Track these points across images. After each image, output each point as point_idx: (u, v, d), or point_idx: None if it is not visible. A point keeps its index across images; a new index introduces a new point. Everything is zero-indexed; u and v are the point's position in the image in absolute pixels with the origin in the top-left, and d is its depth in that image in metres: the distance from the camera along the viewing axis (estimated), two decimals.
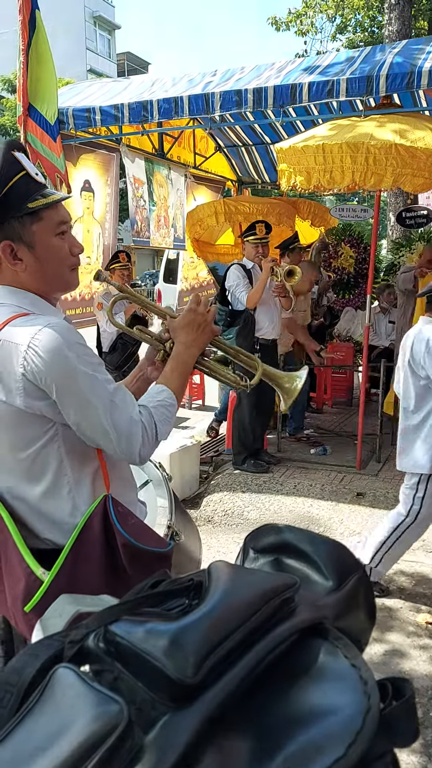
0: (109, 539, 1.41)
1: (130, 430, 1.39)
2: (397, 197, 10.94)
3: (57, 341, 1.33)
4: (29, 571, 1.37)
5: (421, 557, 3.88)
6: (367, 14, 18.98)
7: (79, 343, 1.38)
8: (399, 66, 4.10)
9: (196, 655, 0.74)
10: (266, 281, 4.91)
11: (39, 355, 1.31)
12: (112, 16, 38.92)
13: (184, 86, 4.98)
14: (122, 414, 1.39)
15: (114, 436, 1.38)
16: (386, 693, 0.77)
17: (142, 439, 1.41)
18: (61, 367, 1.33)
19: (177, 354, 1.57)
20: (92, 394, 1.36)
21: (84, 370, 1.36)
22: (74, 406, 1.35)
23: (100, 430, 1.37)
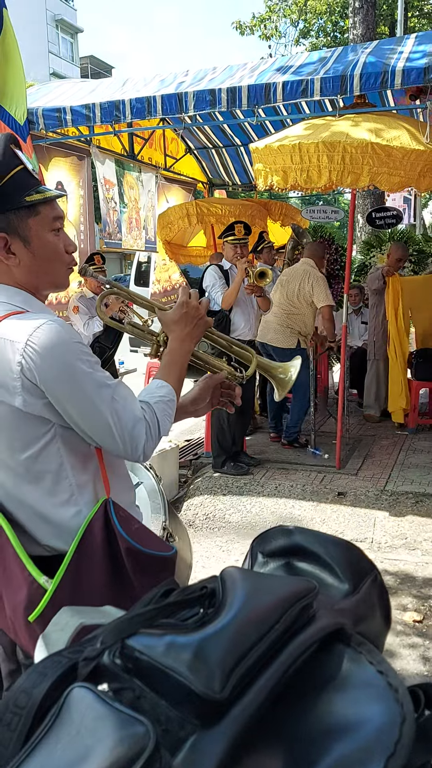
0: (112, 544, 1.37)
1: (134, 427, 1.36)
2: (365, 199, 11.04)
3: (56, 339, 1.29)
4: (31, 579, 1.33)
5: (404, 555, 3.89)
6: (329, 19, 19.22)
7: (78, 341, 1.35)
8: (372, 65, 4.11)
9: (223, 668, 0.69)
10: (240, 282, 4.89)
11: (38, 353, 1.28)
12: (74, 19, 38.67)
13: (156, 86, 4.93)
14: (125, 411, 1.35)
15: (118, 434, 1.34)
16: (418, 700, 0.74)
17: (146, 435, 1.38)
18: (60, 365, 1.29)
19: (172, 349, 1.54)
20: (94, 392, 1.32)
21: (83, 368, 1.32)
22: (76, 405, 1.31)
23: (103, 428, 1.33)
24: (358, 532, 4.14)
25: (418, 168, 4.14)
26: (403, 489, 4.72)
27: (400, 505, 4.47)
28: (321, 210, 8.43)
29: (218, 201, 7.29)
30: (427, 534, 4.09)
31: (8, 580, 1.37)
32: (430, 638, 3.03)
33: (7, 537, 1.36)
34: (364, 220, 10.06)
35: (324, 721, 0.71)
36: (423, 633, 3.08)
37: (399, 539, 4.06)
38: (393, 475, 5.05)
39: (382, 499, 4.56)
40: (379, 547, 3.99)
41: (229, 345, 1.72)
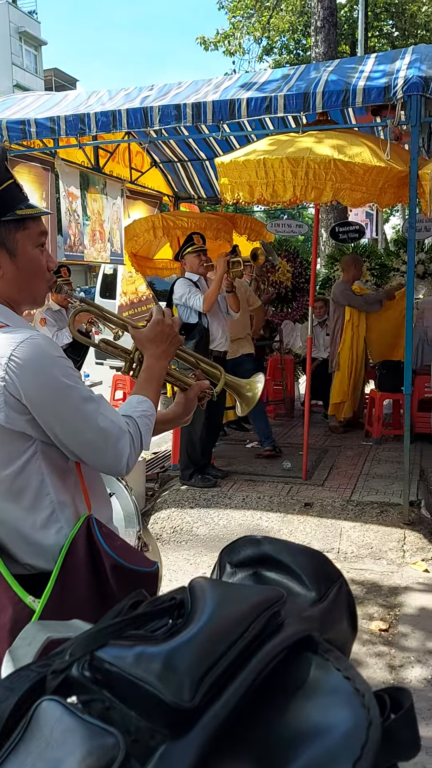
0: (96, 561, 1.36)
1: (119, 440, 1.36)
2: (329, 213, 11.21)
3: (39, 353, 1.30)
4: (17, 599, 1.31)
5: (369, 565, 3.93)
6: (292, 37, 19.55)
7: (61, 356, 1.35)
8: (334, 83, 4.20)
9: (192, 678, 0.70)
10: (222, 278, 4.86)
11: (21, 368, 1.27)
12: (38, 32, 38.60)
13: (121, 100, 4.95)
14: (110, 425, 1.36)
15: (103, 448, 1.35)
16: (384, 704, 0.75)
17: (131, 448, 1.39)
18: (44, 380, 1.30)
19: (149, 366, 1.56)
20: (78, 406, 1.33)
21: (67, 382, 1.32)
22: (61, 420, 1.31)
23: (88, 442, 1.34)
24: (324, 543, 4.17)
25: (380, 184, 4.23)
26: (369, 499, 4.77)
27: (366, 515, 4.52)
28: (286, 224, 8.55)
29: (184, 214, 7.34)
30: (392, 543, 4.14)
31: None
32: (396, 647, 3.06)
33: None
34: (327, 235, 10.21)
35: (293, 727, 0.72)
36: (389, 642, 3.11)
37: (365, 549, 4.10)
38: (358, 485, 5.11)
39: (348, 510, 4.60)
40: (345, 557, 4.02)
41: (197, 362, 1.74)
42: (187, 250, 5.08)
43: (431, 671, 2.86)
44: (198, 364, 1.74)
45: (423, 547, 4.10)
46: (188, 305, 4.92)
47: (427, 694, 2.69)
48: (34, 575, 1.36)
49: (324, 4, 10.98)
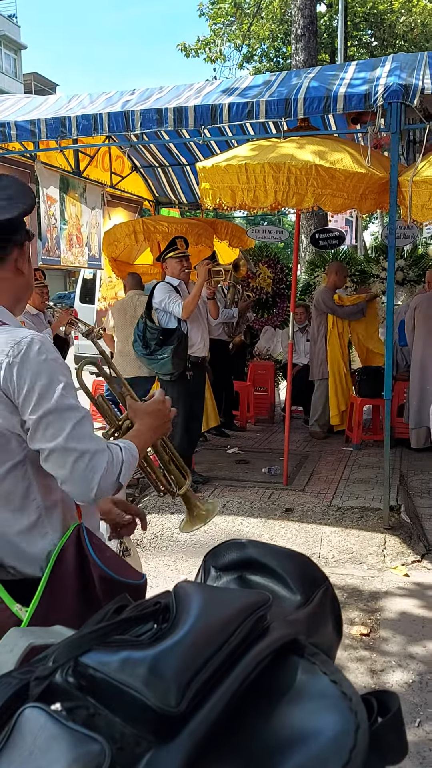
0: (84, 571, 1.34)
1: (94, 456, 1.33)
2: (309, 220, 11.27)
3: (37, 352, 1.31)
4: (3, 606, 1.29)
5: (350, 569, 3.93)
6: (272, 45, 19.69)
7: (59, 357, 1.37)
8: (315, 90, 4.23)
9: (179, 683, 0.69)
10: (202, 285, 4.85)
11: (18, 364, 1.29)
12: (17, 35, 38.42)
13: (103, 104, 4.94)
14: (89, 437, 1.34)
15: (75, 458, 1.31)
16: (371, 708, 0.75)
17: (106, 467, 1.33)
18: (40, 373, 1.30)
19: (139, 431, 1.56)
20: (66, 408, 1.32)
21: (62, 381, 1.33)
22: (45, 420, 1.30)
23: (62, 448, 1.30)
24: (305, 548, 4.17)
25: (360, 190, 4.26)
26: (349, 504, 4.79)
27: (346, 520, 4.53)
28: (266, 230, 8.59)
29: (165, 219, 7.33)
30: (372, 548, 4.15)
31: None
32: (377, 651, 3.07)
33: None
34: (308, 241, 10.26)
35: (280, 732, 0.71)
36: (370, 646, 3.11)
37: (345, 554, 4.11)
38: (339, 490, 5.13)
39: (329, 515, 4.61)
40: (326, 562, 4.02)
41: (170, 461, 1.79)
42: (170, 254, 5.06)
43: (412, 675, 2.87)
44: (169, 463, 1.77)
45: (403, 551, 4.12)
46: (167, 310, 4.90)
47: (409, 698, 2.70)
48: (19, 581, 1.34)
49: (304, 13, 11.07)
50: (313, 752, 0.68)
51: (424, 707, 2.64)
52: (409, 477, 5.47)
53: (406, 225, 6.13)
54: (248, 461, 5.94)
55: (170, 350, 4.78)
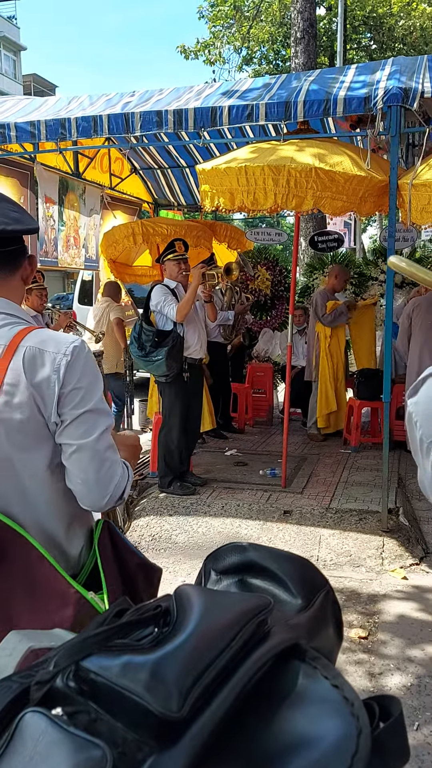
0: (121, 561, 1.45)
1: (115, 462, 1.41)
2: (308, 222, 11.29)
3: (89, 357, 1.39)
4: (78, 595, 1.34)
5: (349, 572, 3.93)
6: (271, 47, 19.72)
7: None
8: (315, 93, 4.23)
9: (180, 688, 0.68)
10: (196, 289, 4.86)
11: (72, 366, 1.35)
12: (17, 37, 38.46)
13: (103, 106, 4.94)
14: (113, 443, 1.42)
15: (99, 461, 1.37)
16: (373, 713, 0.74)
17: (119, 479, 1.42)
18: (85, 377, 1.37)
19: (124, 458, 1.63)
20: (103, 413, 1.40)
21: (100, 387, 1.42)
22: (82, 418, 1.36)
23: (89, 447, 1.37)
24: (303, 550, 4.16)
25: (360, 193, 4.27)
26: (347, 506, 4.79)
27: (345, 523, 4.53)
28: (265, 232, 8.60)
29: (164, 221, 7.33)
30: (370, 551, 4.15)
31: (42, 600, 1.34)
32: (375, 654, 3.06)
33: (41, 556, 1.35)
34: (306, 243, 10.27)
35: (281, 737, 0.70)
36: (369, 649, 3.11)
37: (344, 556, 4.11)
38: (337, 493, 5.13)
39: (327, 517, 4.61)
40: (324, 565, 4.02)
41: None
42: (168, 257, 5.07)
43: (411, 678, 2.87)
44: None
45: (401, 554, 4.12)
46: (163, 313, 4.92)
47: (407, 702, 2.70)
48: None
49: (304, 16, 11.09)
50: (315, 757, 0.67)
51: (423, 710, 2.64)
52: (407, 480, 5.47)
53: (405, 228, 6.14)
54: (246, 463, 5.94)
55: (164, 352, 4.80)
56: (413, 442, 1.24)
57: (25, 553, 1.34)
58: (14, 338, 1.37)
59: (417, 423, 1.17)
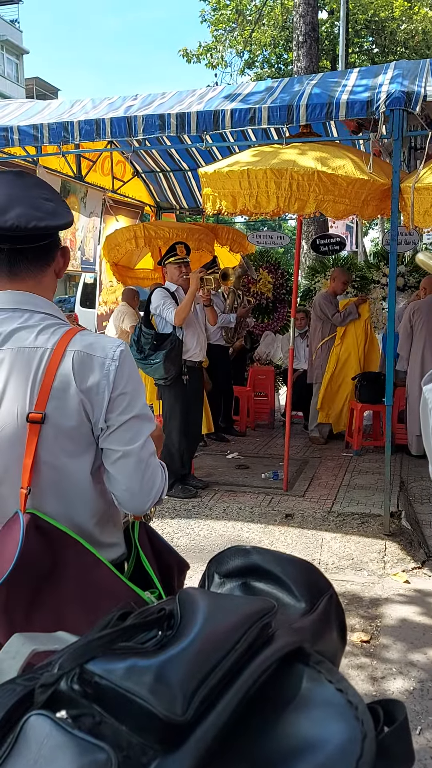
0: (159, 560, 1.47)
1: (157, 467, 1.41)
2: (309, 225, 11.30)
3: (133, 361, 1.38)
4: (135, 596, 1.35)
5: (351, 576, 3.92)
6: (273, 51, 19.75)
7: None
8: (318, 97, 4.24)
9: (185, 691, 0.68)
10: (194, 293, 4.87)
11: (119, 370, 1.34)
12: (19, 40, 38.57)
13: (105, 109, 4.95)
14: (154, 449, 1.41)
15: (143, 465, 1.37)
16: (377, 717, 0.74)
17: (161, 482, 1.42)
18: (132, 382, 1.36)
19: None
20: (148, 418, 1.40)
21: (144, 394, 1.42)
22: (129, 424, 1.36)
23: (134, 453, 1.36)
24: (305, 554, 4.16)
25: (362, 196, 4.27)
26: (349, 510, 4.78)
27: (347, 526, 4.53)
28: (267, 235, 8.60)
29: (166, 224, 7.35)
30: (372, 554, 4.15)
31: (97, 601, 1.33)
32: (377, 658, 3.06)
33: (96, 559, 1.35)
34: (308, 246, 10.28)
35: (285, 741, 0.70)
36: (371, 653, 3.10)
37: (346, 560, 4.10)
38: (339, 496, 5.12)
39: (329, 521, 4.60)
40: (326, 568, 4.01)
41: None
42: (169, 260, 5.08)
43: (413, 683, 2.86)
44: None
45: (403, 558, 4.11)
46: (162, 316, 4.94)
47: (410, 706, 2.69)
48: None
49: (306, 20, 11.12)
50: (320, 761, 0.67)
51: (426, 715, 2.63)
52: (409, 483, 5.47)
53: (407, 231, 6.14)
54: (248, 466, 5.94)
55: (162, 355, 4.81)
56: (426, 428, 1.24)
57: (80, 557, 1.33)
58: (60, 342, 1.34)
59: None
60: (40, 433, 1.31)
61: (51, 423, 1.31)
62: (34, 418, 1.31)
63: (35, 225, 1.33)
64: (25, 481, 1.32)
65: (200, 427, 5.41)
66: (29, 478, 1.31)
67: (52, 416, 1.31)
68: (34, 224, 1.33)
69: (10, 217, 1.32)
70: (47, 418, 1.31)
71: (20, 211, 1.33)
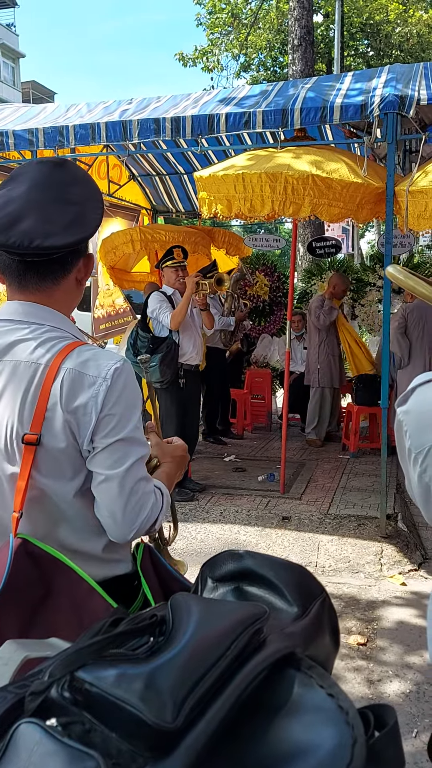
0: (164, 588, 1.40)
1: (145, 493, 1.32)
2: (306, 228, 11.31)
3: (129, 379, 1.31)
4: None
5: (347, 578, 3.93)
6: (269, 54, 19.80)
7: (138, 387, 1.37)
8: (312, 100, 4.25)
9: (175, 698, 0.68)
10: (190, 297, 4.88)
11: (112, 390, 1.28)
12: (16, 44, 38.61)
13: (100, 113, 4.96)
14: (146, 474, 1.34)
15: (128, 491, 1.29)
16: (368, 722, 0.74)
17: (149, 511, 1.33)
18: (123, 408, 1.29)
19: (168, 475, 1.55)
20: (135, 442, 1.32)
21: (137, 415, 1.33)
22: (113, 447, 1.29)
23: (120, 479, 1.29)
24: (302, 557, 4.16)
25: (357, 200, 4.28)
26: (346, 512, 4.79)
27: (343, 529, 4.53)
28: (263, 238, 8.61)
29: (162, 227, 7.35)
30: (369, 557, 4.15)
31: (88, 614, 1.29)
32: (374, 661, 3.06)
33: (90, 588, 1.29)
34: (304, 249, 10.28)
35: (276, 746, 0.70)
36: (367, 656, 3.10)
37: (342, 562, 4.10)
38: (336, 498, 5.12)
39: (326, 523, 4.61)
40: (323, 571, 4.02)
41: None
42: (167, 263, 5.09)
43: (409, 685, 2.86)
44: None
45: (400, 560, 4.11)
46: (158, 320, 4.95)
47: (406, 709, 2.69)
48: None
49: (301, 23, 11.14)
50: (311, 766, 0.67)
51: (421, 717, 2.63)
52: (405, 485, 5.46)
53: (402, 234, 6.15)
54: (245, 469, 5.94)
55: (158, 358, 4.83)
56: (401, 450, 1.23)
57: (74, 585, 1.28)
58: (55, 359, 1.28)
59: (407, 432, 1.16)
60: (35, 455, 1.27)
61: (43, 445, 1.27)
62: (29, 440, 1.27)
63: (38, 245, 1.27)
64: (17, 504, 1.27)
65: (197, 431, 5.41)
66: (22, 501, 1.27)
67: (45, 438, 1.27)
68: (36, 244, 1.26)
69: (14, 233, 1.26)
70: (41, 441, 1.27)
71: (29, 224, 1.27)
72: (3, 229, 1.27)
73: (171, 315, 4.86)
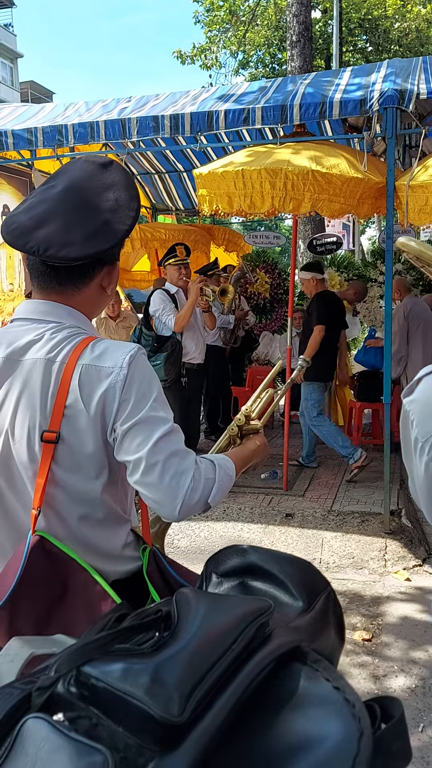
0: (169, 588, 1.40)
1: (181, 468, 1.27)
2: (306, 225, 11.29)
3: (143, 364, 1.31)
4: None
5: (351, 575, 3.93)
6: (267, 51, 19.77)
7: (153, 371, 1.36)
8: (311, 96, 4.24)
9: (181, 692, 0.68)
10: (194, 303, 4.89)
11: (131, 378, 1.27)
12: (14, 44, 38.60)
13: (99, 111, 4.95)
14: (179, 451, 1.29)
15: (159, 469, 1.26)
16: (374, 714, 0.74)
17: (191, 484, 1.27)
18: (136, 390, 1.28)
19: (243, 450, 1.57)
20: (155, 420, 1.28)
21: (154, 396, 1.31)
22: (134, 431, 1.27)
23: (147, 459, 1.26)
24: (306, 553, 4.16)
25: (357, 195, 4.27)
26: (349, 509, 4.78)
27: (347, 525, 4.52)
28: (263, 236, 8.60)
29: (162, 226, 7.36)
30: (373, 553, 4.15)
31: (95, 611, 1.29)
32: (379, 656, 3.06)
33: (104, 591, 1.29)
34: (305, 246, 10.26)
35: (283, 739, 0.70)
36: (372, 651, 3.10)
37: (346, 559, 4.10)
38: (339, 495, 5.12)
39: (329, 520, 4.60)
40: (327, 568, 4.02)
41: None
42: (169, 261, 5.09)
43: (415, 680, 2.86)
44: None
45: (404, 555, 4.11)
46: (161, 321, 4.95)
47: (412, 704, 2.69)
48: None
49: (299, 19, 11.12)
50: (317, 759, 0.67)
51: (428, 712, 2.63)
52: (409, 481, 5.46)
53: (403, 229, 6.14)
54: None
55: (163, 357, 4.83)
56: (406, 442, 1.22)
57: (88, 586, 1.28)
58: (71, 356, 1.28)
59: (414, 422, 1.16)
60: (55, 452, 1.27)
61: (64, 442, 1.27)
62: (48, 438, 1.26)
63: (52, 254, 1.26)
64: (36, 501, 1.27)
65: (198, 428, 5.41)
66: (41, 498, 1.27)
67: (65, 435, 1.27)
68: (51, 253, 1.26)
69: (33, 238, 1.27)
70: (61, 438, 1.27)
71: (49, 231, 1.27)
72: (25, 232, 1.28)
73: (175, 319, 4.87)
